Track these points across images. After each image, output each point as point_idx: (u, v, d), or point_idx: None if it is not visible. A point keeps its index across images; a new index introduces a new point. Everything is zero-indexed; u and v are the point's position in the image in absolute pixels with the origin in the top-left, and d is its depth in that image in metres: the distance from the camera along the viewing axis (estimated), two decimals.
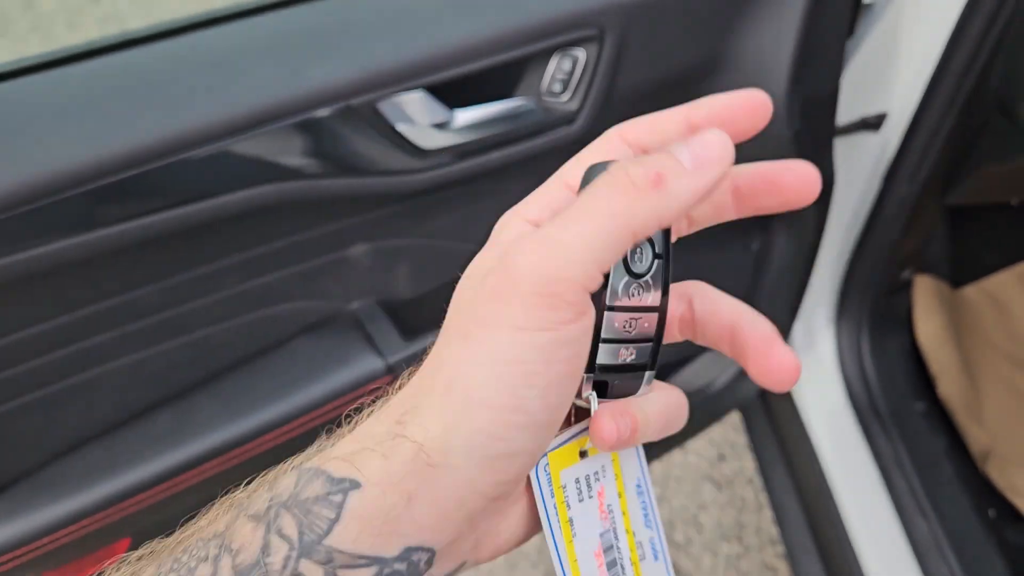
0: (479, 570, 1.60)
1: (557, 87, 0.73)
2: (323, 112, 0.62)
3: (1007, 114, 1.04)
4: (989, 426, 1.34)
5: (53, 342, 0.63)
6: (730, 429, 1.76)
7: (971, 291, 1.52)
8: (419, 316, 0.83)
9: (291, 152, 0.63)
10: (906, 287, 1.32)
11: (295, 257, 0.72)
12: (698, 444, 1.75)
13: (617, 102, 0.77)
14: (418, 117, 0.67)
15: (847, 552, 1.19)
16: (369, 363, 0.75)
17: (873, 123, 1.11)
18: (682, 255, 0.98)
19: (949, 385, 1.30)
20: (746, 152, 0.87)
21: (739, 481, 1.70)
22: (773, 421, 1.38)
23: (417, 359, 0.75)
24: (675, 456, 1.72)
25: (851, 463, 1.24)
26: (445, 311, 0.34)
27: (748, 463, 1.71)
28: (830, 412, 1.28)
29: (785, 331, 1.12)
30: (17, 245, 0.56)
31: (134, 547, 0.72)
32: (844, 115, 1.09)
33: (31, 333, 0.62)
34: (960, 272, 1.50)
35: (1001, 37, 0.95)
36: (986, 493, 1.25)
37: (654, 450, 1.19)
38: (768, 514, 1.64)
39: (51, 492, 0.68)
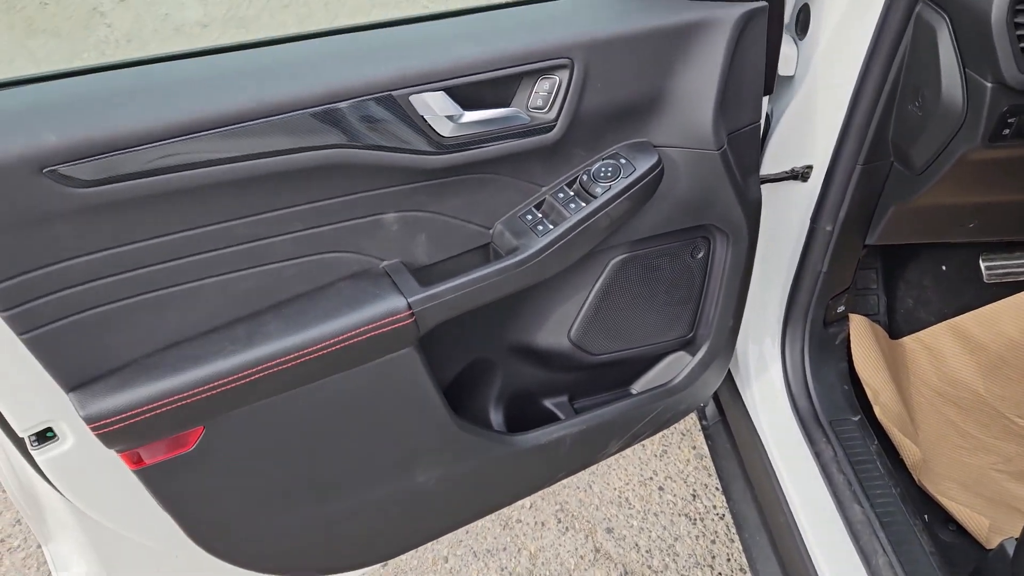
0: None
1: (539, 102, 1.01)
2: (372, 98, 0.89)
3: (904, 161, 1.31)
4: (921, 443, 1.54)
5: (169, 252, 0.88)
6: (703, 472, 1.94)
7: (907, 340, 1.75)
8: (431, 278, 1.07)
9: (349, 126, 0.90)
10: (842, 320, 1.55)
11: (345, 214, 0.97)
12: (674, 485, 1.92)
13: (583, 118, 1.04)
14: (438, 110, 0.94)
15: (796, 538, 1.36)
16: (395, 301, 0.99)
17: (801, 174, 1.39)
18: (638, 261, 1.24)
19: (886, 403, 1.51)
20: (685, 168, 1.14)
21: (711, 517, 1.86)
22: (732, 436, 1.58)
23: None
24: (653, 495, 1.90)
25: (797, 464, 1.43)
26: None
27: (719, 501, 1.88)
28: (779, 424, 1.49)
29: (733, 332, 1.35)
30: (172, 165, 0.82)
31: (206, 436, 1.01)
32: (776, 168, 1.38)
33: (155, 243, 0.86)
34: (898, 326, 1.74)
35: (891, 96, 1.24)
36: (914, 490, 1.44)
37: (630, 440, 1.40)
38: (738, 545, 1.80)
39: (151, 374, 0.90)
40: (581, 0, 1.07)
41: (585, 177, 1.08)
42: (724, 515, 1.85)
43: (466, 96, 0.96)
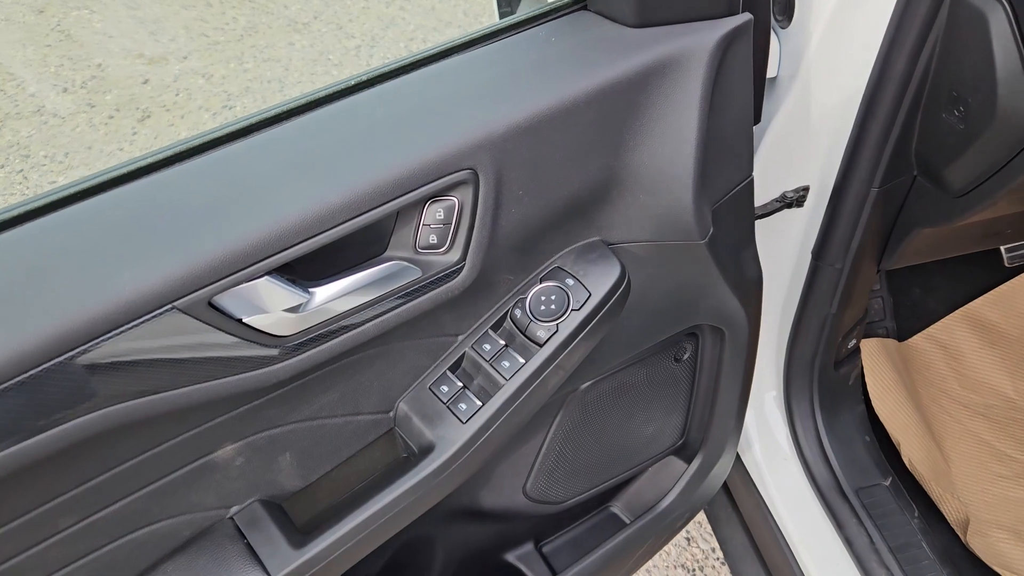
0: None
1: (433, 238, 0.64)
2: (142, 323, 0.52)
3: (930, 176, 0.98)
4: (961, 491, 1.27)
5: None
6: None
7: (918, 341, 1.46)
8: (312, 508, 0.71)
9: (119, 371, 0.53)
10: (854, 354, 1.25)
11: (150, 474, 0.60)
12: None
13: (503, 244, 0.68)
14: (268, 304, 0.57)
15: None
16: None
17: (795, 199, 1.04)
18: (605, 385, 0.90)
19: (913, 450, 1.23)
20: (667, 268, 0.79)
21: (709, 564, 1.60)
22: (738, 514, 1.29)
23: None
24: None
25: (824, 553, 1.15)
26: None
27: (717, 544, 1.61)
28: (794, 498, 1.20)
29: (736, 430, 1.03)
30: None
31: None
32: (762, 194, 1.02)
33: None
34: (904, 323, 1.45)
35: (915, 101, 0.90)
36: (969, 566, 1.17)
37: None
38: None
39: None
40: (470, 61, 0.68)
41: (518, 313, 0.72)
42: (723, 558, 1.59)
43: (310, 261, 0.59)
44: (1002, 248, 1.40)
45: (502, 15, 2.02)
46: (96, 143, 2.48)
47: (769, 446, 1.23)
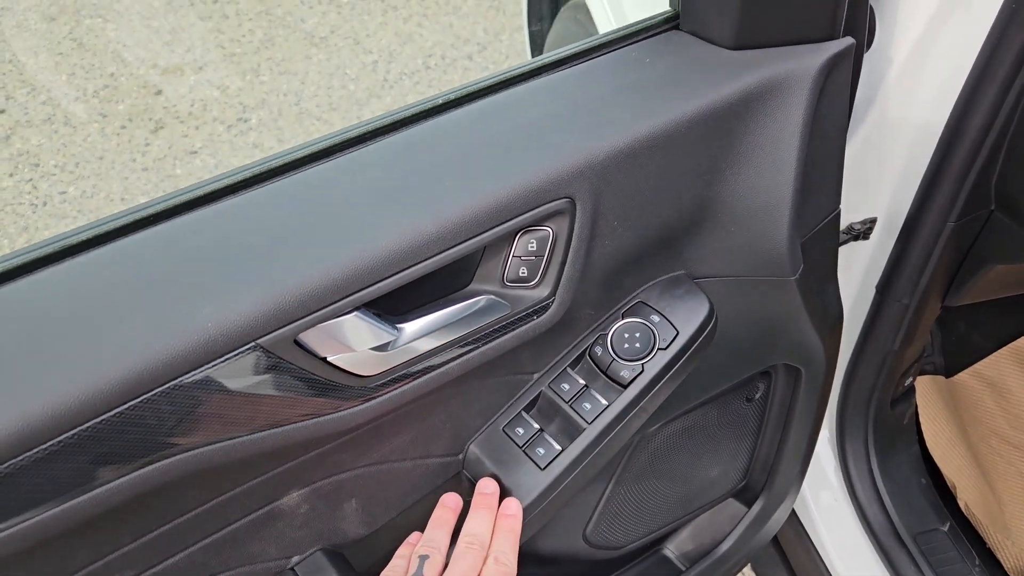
0: None
1: (523, 271, 0.59)
2: (221, 363, 0.46)
3: (1010, 212, 0.94)
4: (1016, 535, 1.21)
5: None
6: None
7: (966, 377, 1.42)
8: (374, 555, 0.66)
9: (195, 412, 0.47)
10: (908, 394, 1.20)
11: (212, 524, 0.55)
12: None
13: (593, 279, 0.63)
14: (355, 342, 0.52)
15: None
16: None
17: (862, 232, 1.00)
18: (675, 426, 0.85)
19: (969, 493, 1.18)
20: (753, 304, 0.74)
21: None
22: (786, 562, 1.23)
23: None
24: None
25: None
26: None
27: None
28: (849, 546, 1.14)
29: (801, 474, 0.98)
30: None
31: None
32: None
33: None
34: (950, 360, 1.40)
35: (1002, 132, 0.86)
36: None
37: None
38: None
39: None
40: (561, 81, 0.64)
41: (599, 351, 0.67)
42: None
43: (398, 296, 0.54)
44: None
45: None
46: (108, 153, 2.43)
47: (820, 489, 1.17)
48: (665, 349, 0.67)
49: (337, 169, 0.57)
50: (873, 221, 0.99)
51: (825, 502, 1.15)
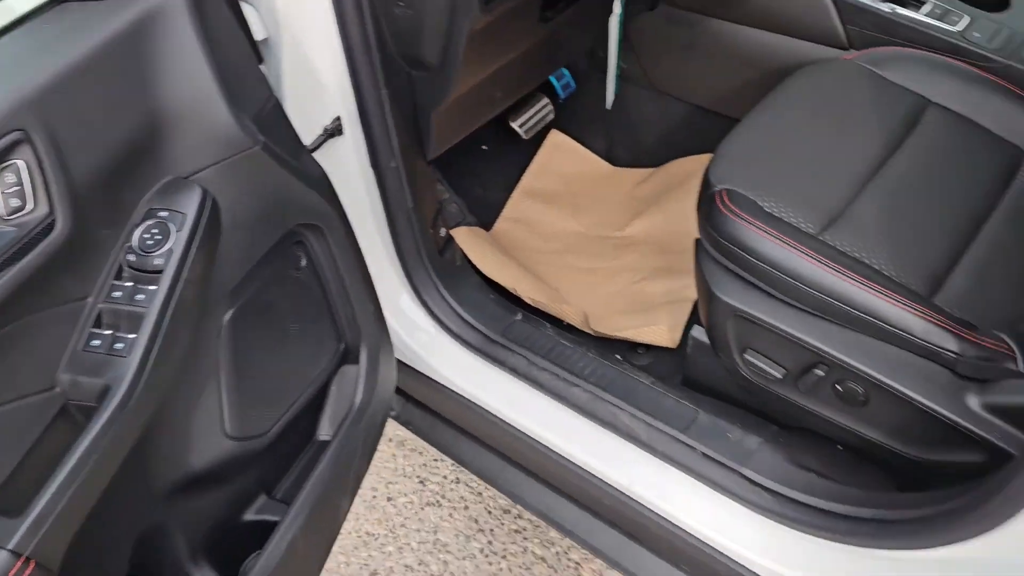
0: None
1: (16, 202, 0.71)
2: None
3: (419, 66, 1.24)
4: (573, 301, 1.58)
5: None
6: (416, 456, 1.82)
7: (499, 225, 1.78)
8: (14, 496, 0.73)
9: None
10: (449, 241, 1.50)
11: None
12: (397, 487, 1.77)
13: (87, 194, 0.77)
14: None
15: (540, 449, 1.31)
16: None
17: (335, 129, 1.25)
18: (248, 308, 1.01)
19: (529, 289, 1.51)
20: (243, 181, 0.93)
21: (449, 486, 1.76)
22: (427, 407, 1.48)
23: None
24: (388, 511, 1.73)
25: (501, 390, 1.36)
26: None
27: (447, 470, 1.78)
28: (462, 367, 1.40)
29: (379, 315, 1.19)
30: None
31: None
32: (309, 135, 1.22)
33: None
34: (481, 217, 1.74)
35: (373, 13, 1.14)
36: (597, 343, 1.47)
37: None
38: (492, 491, 1.73)
39: None
40: None
41: (132, 257, 0.82)
42: (459, 479, 1.77)
43: None
44: (514, 125, 1.76)
45: None
46: None
47: (423, 339, 1.43)
48: (181, 230, 0.83)
49: None
50: (339, 118, 1.25)
51: (424, 340, 1.40)
